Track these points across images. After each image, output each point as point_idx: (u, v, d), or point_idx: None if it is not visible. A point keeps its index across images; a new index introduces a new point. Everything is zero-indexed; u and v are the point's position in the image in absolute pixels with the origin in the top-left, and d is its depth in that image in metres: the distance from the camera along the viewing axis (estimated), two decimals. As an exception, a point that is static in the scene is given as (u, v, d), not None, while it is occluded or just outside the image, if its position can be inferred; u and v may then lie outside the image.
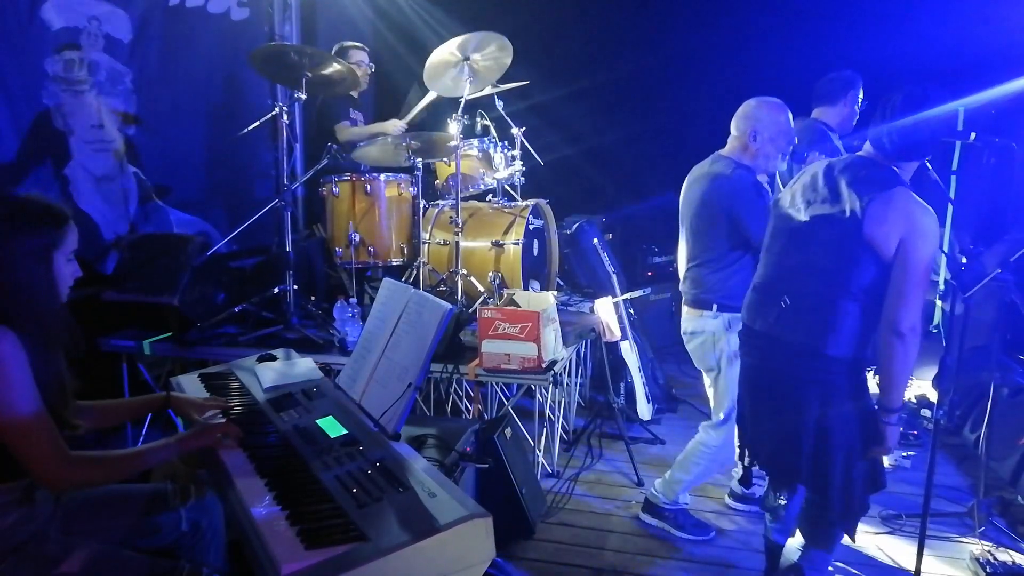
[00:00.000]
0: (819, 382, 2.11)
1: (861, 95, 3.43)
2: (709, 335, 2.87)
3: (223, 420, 2.04)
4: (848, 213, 2.04)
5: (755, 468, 2.46)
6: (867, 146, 2.19)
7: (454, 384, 3.66)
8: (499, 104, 4.39)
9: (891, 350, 2.00)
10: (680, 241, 3.02)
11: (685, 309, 2.99)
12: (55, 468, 1.61)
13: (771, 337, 2.21)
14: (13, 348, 1.57)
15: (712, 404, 2.99)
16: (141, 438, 3.46)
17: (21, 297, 1.63)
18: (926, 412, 4.17)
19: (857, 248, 2.02)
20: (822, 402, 2.10)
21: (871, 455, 2.12)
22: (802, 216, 2.17)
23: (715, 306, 2.83)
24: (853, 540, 2.21)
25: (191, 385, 2.40)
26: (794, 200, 2.22)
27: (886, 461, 3.65)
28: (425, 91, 4.32)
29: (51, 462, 1.60)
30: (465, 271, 3.83)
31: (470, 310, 3.66)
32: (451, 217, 3.81)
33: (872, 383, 2.18)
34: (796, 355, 2.14)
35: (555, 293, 4.12)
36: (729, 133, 2.91)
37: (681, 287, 3.02)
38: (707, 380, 3.00)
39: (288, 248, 3.61)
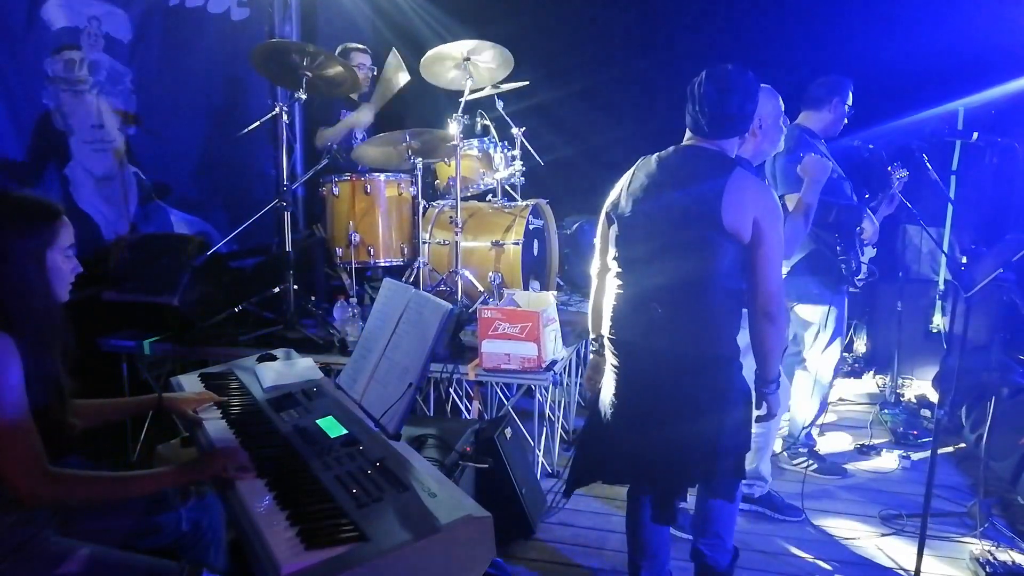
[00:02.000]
0: (708, 384, 2.05)
1: (850, 100, 3.38)
2: None
3: (233, 444, 1.94)
4: (699, 205, 1.99)
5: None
6: (687, 135, 2.16)
7: (454, 384, 3.66)
8: (499, 104, 4.39)
9: (764, 333, 2.03)
10: None
11: None
12: (29, 480, 1.55)
13: (647, 347, 2.11)
14: (9, 354, 1.56)
15: None
16: (140, 438, 3.46)
17: (17, 299, 1.61)
18: (926, 412, 4.18)
19: (717, 239, 1.98)
20: (712, 401, 2.04)
21: (758, 421, 2.15)
22: (651, 217, 2.09)
23: None
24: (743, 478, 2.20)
25: (191, 385, 2.40)
26: (636, 203, 2.12)
27: (894, 463, 3.68)
28: (397, 64, 4.27)
29: (26, 474, 1.55)
30: (465, 271, 3.83)
31: (470, 310, 3.66)
32: (451, 217, 3.81)
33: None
34: (678, 362, 2.05)
35: (555, 293, 4.11)
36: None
37: None
38: None
39: (288, 248, 3.61)
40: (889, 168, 3.34)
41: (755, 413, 2.16)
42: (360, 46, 4.52)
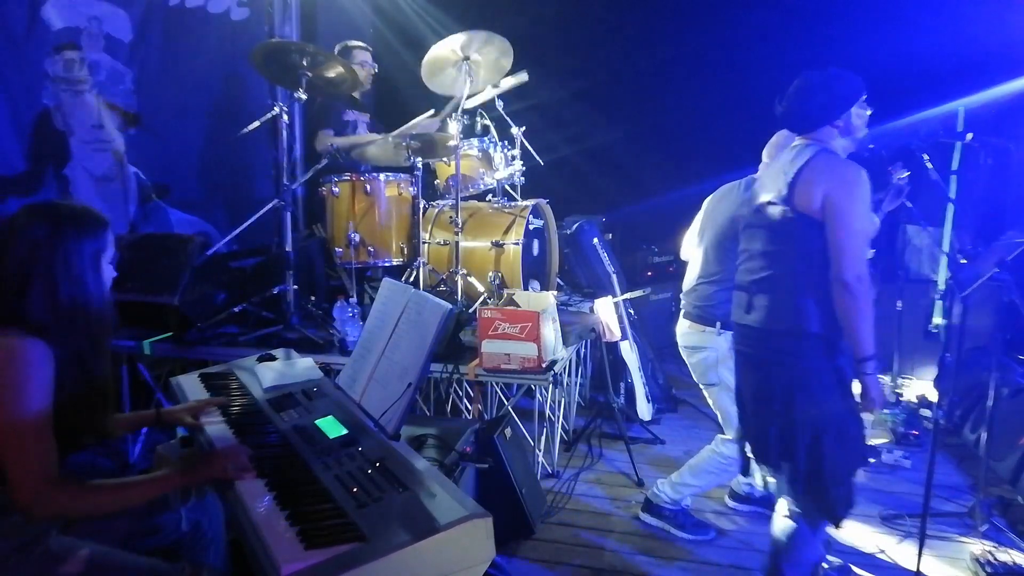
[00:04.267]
0: (795, 363, 2.14)
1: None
2: (711, 351, 2.86)
3: (234, 443, 1.93)
4: (779, 190, 2.16)
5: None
6: (796, 139, 2.29)
7: (454, 384, 3.66)
8: (499, 104, 4.38)
9: (842, 303, 2.05)
10: (694, 256, 3.01)
11: (687, 323, 2.97)
12: (35, 487, 1.54)
13: (753, 328, 2.26)
14: (39, 358, 1.56)
15: (720, 420, 2.98)
16: (141, 438, 3.47)
17: (74, 305, 1.63)
18: (926, 412, 4.17)
19: (792, 222, 2.13)
20: (800, 382, 2.13)
21: (862, 410, 2.15)
22: (749, 213, 2.33)
23: (719, 324, 2.83)
24: (838, 528, 2.22)
25: (191, 385, 2.41)
26: (751, 200, 2.36)
27: (893, 463, 3.67)
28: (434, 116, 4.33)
29: (33, 480, 1.54)
30: (465, 271, 3.83)
31: (470, 310, 3.66)
32: (451, 217, 3.81)
33: None
34: (776, 340, 2.19)
35: (555, 293, 4.11)
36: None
37: (685, 299, 3.01)
38: (708, 395, 3.00)
39: (288, 248, 3.61)
40: (890, 168, 3.34)
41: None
42: (361, 44, 4.52)
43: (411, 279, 3.83)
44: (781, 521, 2.30)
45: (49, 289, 1.61)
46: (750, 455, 2.44)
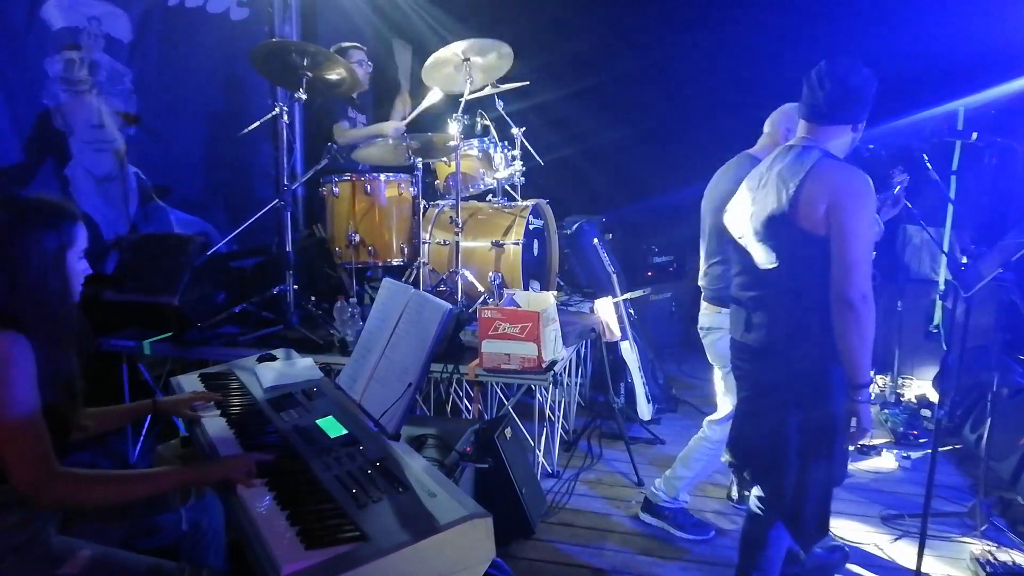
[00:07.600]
0: (792, 385, 2.07)
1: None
2: (726, 332, 2.86)
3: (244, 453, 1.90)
4: (780, 204, 2.01)
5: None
6: (800, 126, 2.16)
7: (454, 384, 3.66)
8: (499, 104, 4.38)
9: (843, 323, 1.92)
10: (702, 239, 3.02)
11: (704, 305, 2.98)
12: (37, 479, 1.54)
13: (753, 347, 2.17)
14: (21, 351, 1.55)
15: (718, 398, 2.99)
16: (140, 438, 3.47)
17: (35, 299, 1.61)
18: (926, 412, 4.17)
19: (796, 237, 1.99)
20: (791, 404, 2.06)
21: (851, 438, 2.05)
22: (751, 219, 2.15)
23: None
24: (806, 553, 2.19)
25: (191, 385, 2.40)
26: (744, 204, 2.21)
27: (891, 462, 3.67)
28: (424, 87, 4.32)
29: (34, 472, 1.54)
30: (465, 271, 3.83)
31: (470, 310, 3.66)
32: (451, 217, 3.81)
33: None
34: (775, 361, 2.11)
35: (555, 293, 4.11)
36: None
37: (701, 281, 3.02)
38: (718, 374, 3.00)
39: (288, 248, 3.61)
40: (891, 172, 3.34)
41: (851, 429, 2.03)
42: (355, 44, 4.51)
43: (411, 279, 3.83)
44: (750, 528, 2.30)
45: (9, 282, 1.60)
46: (728, 460, 2.37)
